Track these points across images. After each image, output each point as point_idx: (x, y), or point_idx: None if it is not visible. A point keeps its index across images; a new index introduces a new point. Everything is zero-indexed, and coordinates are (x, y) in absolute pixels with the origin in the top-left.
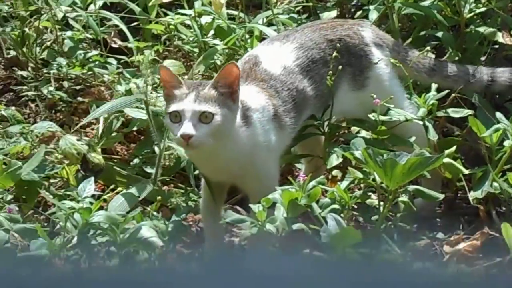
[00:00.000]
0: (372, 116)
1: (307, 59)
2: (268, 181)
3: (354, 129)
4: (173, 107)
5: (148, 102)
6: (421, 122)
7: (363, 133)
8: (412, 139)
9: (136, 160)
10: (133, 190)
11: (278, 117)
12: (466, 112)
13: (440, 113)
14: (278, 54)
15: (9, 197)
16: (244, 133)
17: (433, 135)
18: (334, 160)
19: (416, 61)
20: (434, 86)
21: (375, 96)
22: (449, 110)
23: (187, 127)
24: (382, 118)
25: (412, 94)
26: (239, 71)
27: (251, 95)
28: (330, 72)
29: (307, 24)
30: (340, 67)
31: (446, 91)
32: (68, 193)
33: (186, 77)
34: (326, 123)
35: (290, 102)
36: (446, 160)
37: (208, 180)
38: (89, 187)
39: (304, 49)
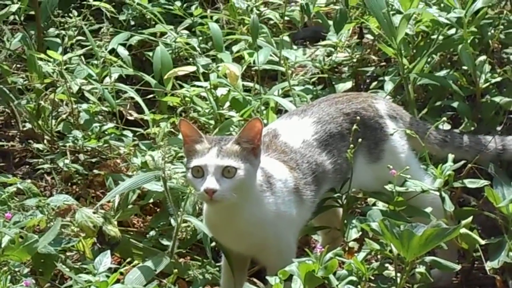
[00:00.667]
0: (388, 187)
1: (325, 133)
2: (287, 254)
3: (371, 200)
4: (195, 162)
5: (164, 176)
6: (437, 193)
7: (380, 205)
8: (429, 210)
9: (152, 233)
10: (149, 263)
11: (299, 190)
12: (482, 182)
13: (456, 184)
14: (297, 128)
15: (26, 270)
16: (268, 198)
17: (449, 206)
18: (354, 233)
19: (427, 133)
20: (450, 156)
21: (391, 167)
22: (466, 181)
23: (210, 182)
24: (398, 189)
25: (428, 165)
26: (262, 126)
27: (273, 165)
28: (351, 145)
29: (323, 98)
30: (359, 140)
31: (463, 162)
32: (84, 266)
33: None
34: (344, 195)
35: (310, 175)
36: (463, 230)
37: (226, 252)
38: (105, 260)
39: (322, 123)
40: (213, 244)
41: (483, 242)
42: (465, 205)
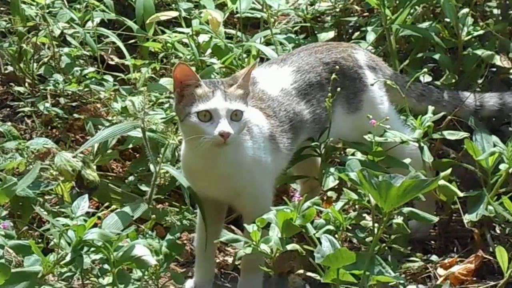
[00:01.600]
0: (367, 137)
1: (304, 83)
2: (262, 201)
3: (350, 151)
4: (202, 106)
5: (144, 126)
6: (416, 144)
7: (358, 155)
8: (407, 161)
9: (131, 178)
10: (127, 208)
11: (275, 138)
12: (462, 134)
13: (436, 135)
14: (276, 76)
15: (4, 213)
16: (247, 142)
17: (428, 157)
18: (331, 182)
19: (406, 86)
20: (430, 108)
21: (371, 117)
22: (445, 133)
23: (225, 125)
24: (377, 139)
25: (408, 116)
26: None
27: (250, 111)
28: (329, 94)
29: (303, 47)
30: (338, 89)
31: (442, 114)
32: (62, 210)
33: None
34: (322, 145)
35: (287, 123)
36: (441, 182)
37: (200, 200)
38: (83, 204)
39: (301, 73)
40: None
41: (461, 194)
42: (444, 157)
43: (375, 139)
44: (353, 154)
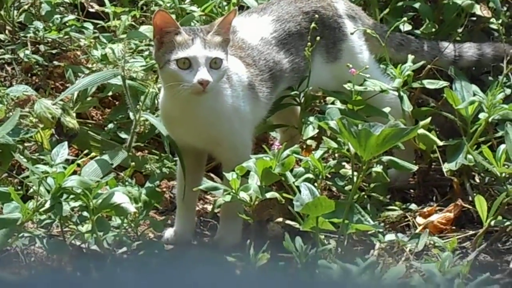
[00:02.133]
0: (347, 86)
1: (284, 32)
2: (241, 149)
3: (329, 99)
4: (181, 54)
5: (123, 73)
6: (396, 93)
7: (338, 104)
8: (387, 110)
9: (110, 125)
10: (106, 156)
11: (254, 87)
12: (441, 83)
13: (415, 84)
14: (256, 25)
15: None
16: (226, 90)
17: (407, 106)
18: (310, 131)
19: (385, 36)
20: (410, 57)
21: (351, 66)
22: (425, 81)
23: (204, 73)
24: (357, 88)
25: (388, 65)
26: (232, 18)
27: (229, 60)
28: (308, 43)
29: None
30: (318, 38)
31: (422, 62)
32: (42, 157)
33: None
34: (302, 94)
35: (267, 72)
36: (421, 131)
37: (179, 149)
38: (62, 151)
39: (281, 22)
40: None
41: (441, 143)
42: (423, 106)
43: (355, 88)
44: (332, 103)
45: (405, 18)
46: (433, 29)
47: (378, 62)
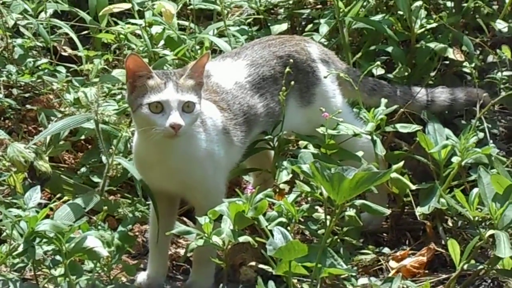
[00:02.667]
0: (320, 130)
1: (258, 76)
2: (214, 194)
3: (302, 143)
4: (153, 98)
5: (97, 118)
6: (369, 137)
7: (311, 148)
8: (360, 154)
9: (83, 169)
10: (79, 200)
11: (228, 131)
12: (414, 127)
13: (388, 128)
14: (230, 69)
15: None
16: (200, 134)
17: (380, 150)
18: (284, 176)
19: (358, 80)
20: (383, 101)
21: (324, 110)
22: (398, 125)
23: (176, 117)
24: (330, 132)
25: (361, 109)
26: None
27: (204, 104)
28: (283, 88)
29: (256, 40)
30: (292, 82)
31: (395, 106)
32: (15, 201)
33: None
34: (276, 138)
35: (241, 117)
36: (394, 175)
37: (152, 193)
38: (35, 195)
39: (255, 66)
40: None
41: (413, 187)
42: (396, 150)
43: (328, 132)
44: (305, 147)
45: (378, 62)
46: (406, 73)
47: (351, 106)
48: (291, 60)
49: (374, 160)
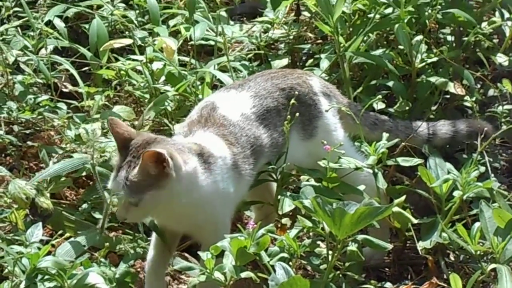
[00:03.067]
0: (322, 163)
1: (262, 108)
2: (222, 231)
3: (304, 178)
4: (110, 180)
5: (93, 161)
6: (370, 171)
7: (312, 182)
8: (362, 187)
9: (84, 205)
10: (80, 238)
11: (238, 166)
12: (415, 161)
13: (390, 162)
14: (235, 101)
15: None
16: (205, 181)
17: (382, 183)
18: (287, 206)
19: (359, 115)
20: (385, 135)
21: (325, 142)
22: (399, 159)
23: (119, 211)
24: (332, 165)
25: (362, 143)
26: (163, 155)
27: (212, 141)
28: (287, 118)
29: (258, 74)
30: (297, 114)
31: (396, 140)
32: (16, 237)
33: (136, 123)
34: (278, 170)
35: (249, 149)
36: (396, 209)
37: (159, 231)
38: (37, 232)
39: (259, 98)
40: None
41: (415, 221)
42: (398, 184)
43: (330, 165)
44: (307, 181)
45: (379, 96)
46: (407, 107)
47: (352, 140)
48: (296, 92)
49: (376, 194)
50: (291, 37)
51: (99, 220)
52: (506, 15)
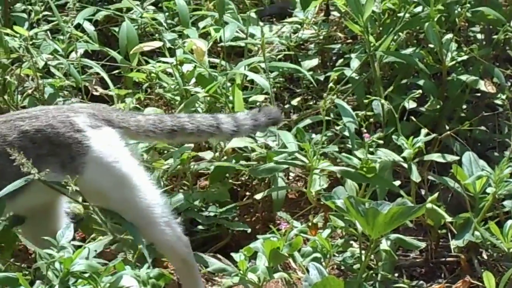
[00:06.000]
0: (359, 153)
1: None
2: None
3: None
4: None
5: None
6: (405, 164)
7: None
8: (397, 183)
9: None
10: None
11: None
12: (451, 158)
13: (427, 157)
14: None
15: None
16: None
17: (416, 177)
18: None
19: (149, 127)
20: (423, 131)
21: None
22: (434, 155)
23: None
24: (370, 157)
25: (399, 136)
26: None
27: None
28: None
29: (7, 115)
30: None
31: (433, 136)
32: (47, 238)
33: None
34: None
35: None
36: (429, 206)
37: None
38: (68, 233)
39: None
40: (178, 219)
41: (449, 218)
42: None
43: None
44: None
45: (412, 95)
46: (438, 106)
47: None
48: (39, 135)
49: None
50: (321, 37)
51: None
52: None
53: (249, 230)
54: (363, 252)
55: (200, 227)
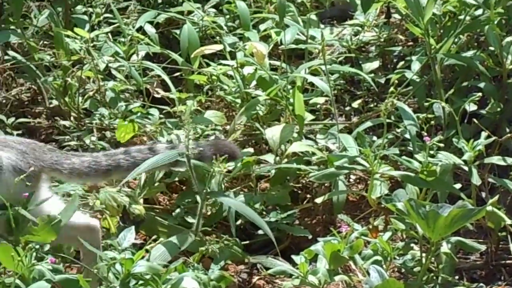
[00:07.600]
0: (420, 156)
1: None
2: None
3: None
4: None
5: (188, 154)
6: (466, 167)
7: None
8: (458, 186)
9: (178, 210)
10: (174, 239)
11: None
12: (511, 161)
13: (487, 160)
14: None
15: (47, 247)
16: None
17: (476, 180)
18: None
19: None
20: (483, 134)
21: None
22: (495, 158)
23: None
24: (430, 160)
25: (460, 139)
26: None
27: None
28: None
29: None
30: None
31: (493, 138)
32: (109, 241)
33: (228, 127)
34: None
35: None
36: (489, 208)
37: None
38: (129, 236)
39: None
40: (239, 222)
41: (509, 221)
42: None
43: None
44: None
45: (472, 98)
46: (498, 109)
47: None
48: None
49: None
50: (382, 39)
51: (192, 225)
52: None
53: (310, 236)
54: (423, 254)
55: (260, 231)
